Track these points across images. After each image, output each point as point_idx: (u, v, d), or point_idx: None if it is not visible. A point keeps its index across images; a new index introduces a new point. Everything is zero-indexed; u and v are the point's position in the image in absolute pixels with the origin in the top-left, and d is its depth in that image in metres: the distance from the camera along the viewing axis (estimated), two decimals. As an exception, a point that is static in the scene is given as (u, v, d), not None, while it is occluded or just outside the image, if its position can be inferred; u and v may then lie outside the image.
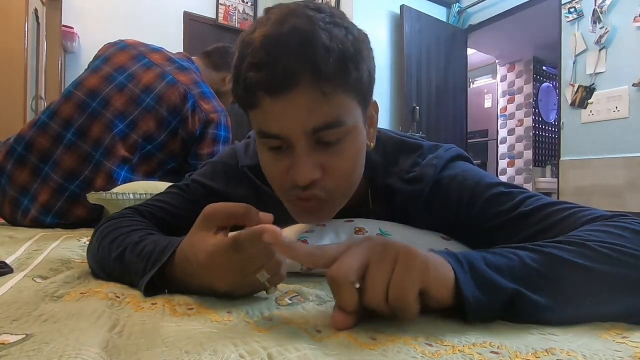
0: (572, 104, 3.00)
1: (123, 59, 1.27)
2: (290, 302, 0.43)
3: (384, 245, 0.34)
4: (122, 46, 1.32)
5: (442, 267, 0.35)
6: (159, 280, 0.43)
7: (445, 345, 0.31)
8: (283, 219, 0.65)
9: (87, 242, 0.63)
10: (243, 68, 0.44)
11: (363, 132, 0.51)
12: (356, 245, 0.35)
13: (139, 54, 1.29)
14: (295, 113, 0.43)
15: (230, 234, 0.39)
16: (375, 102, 0.55)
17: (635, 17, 2.67)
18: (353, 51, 0.44)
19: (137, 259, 0.46)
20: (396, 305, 0.33)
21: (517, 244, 0.39)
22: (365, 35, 0.49)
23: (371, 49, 0.49)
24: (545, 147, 5.30)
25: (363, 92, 0.48)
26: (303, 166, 0.45)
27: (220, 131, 1.29)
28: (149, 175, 1.25)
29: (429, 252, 0.36)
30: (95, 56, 1.34)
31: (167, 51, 1.35)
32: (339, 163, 0.48)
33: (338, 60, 0.43)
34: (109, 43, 1.36)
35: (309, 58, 0.42)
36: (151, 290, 0.43)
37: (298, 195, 0.49)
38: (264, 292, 0.42)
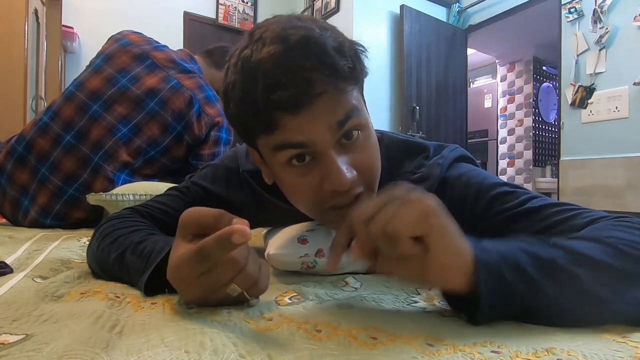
0: (572, 104, 3.00)
1: (126, 59, 1.25)
2: (290, 302, 0.43)
3: (400, 192, 0.35)
4: (124, 43, 1.28)
5: (459, 241, 0.34)
6: (160, 279, 0.43)
7: (446, 345, 0.31)
8: (284, 222, 0.65)
9: (87, 242, 0.63)
10: (258, 93, 0.41)
11: (371, 123, 0.51)
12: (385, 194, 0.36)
13: (142, 53, 1.26)
14: (319, 119, 0.43)
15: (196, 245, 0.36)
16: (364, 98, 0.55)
17: (636, 16, 2.66)
18: (354, 49, 0.45)
19: (137, 259, 0.46)
20: (390, 233, 0.33)
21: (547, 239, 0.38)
22: None
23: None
24: (545, 147, 5.31)
25: (362, 87, 0.50)
26: (339, 171, 0.44)
27: (222, 133, 1.29)
28: (150, 178, 1.25)
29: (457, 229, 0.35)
30: (98, 52, 1.32)
31: (170, 50, 1.33)
32: (364, 157, 0.48)
33: (349, 58, 0.44)
34: (112, 37, 1.33)
35: (326, 63, 0.42)
36: (152, 290, 0.43)
37: (339, 203, 0.47)
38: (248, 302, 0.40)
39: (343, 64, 0.42)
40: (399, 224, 0.32)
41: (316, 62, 0.41)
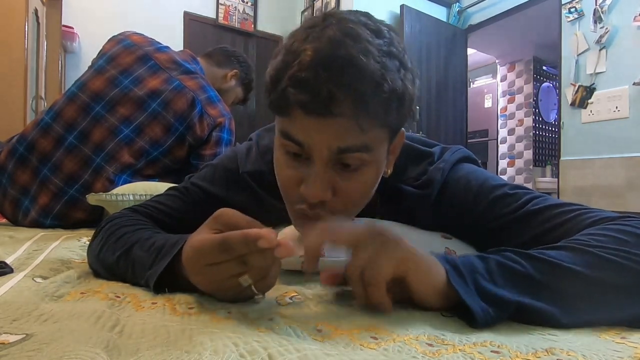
0: (572, 104, 3.00)
1: (128, 61, 1.25)
2: (291, 301, 0.43)
3: (379, 232, 0.39)
4: (127, 44, 1.28)
5: (431, 267, 0.38)
6: (164, 276, 0.44)
7: (446, 345, 0.31)
8: (284, 223, 0.65)
9: (87, 242, 0.63)
10: (285, 78, 0.42)
11: (384, 162, 0.50)
12: (363, 227, 0.40)
13: (144, 54, 1.26)
14: (325, 133, 0.42)
15: (222, 234, 0.37)
16: (403, 131, 0.52)
17: (636, 16, 2.66)
18: (402, 89, 0.43)
19: (145, 254, 0.47)
20: (369, 282, 0.37)
21: (519, 250, 0.39)
22: (414, 67, 0.46)
23: (417, 81, 0.47)
24: (545, 147, 5.31)
25: (398, 127, 0.48)
26: (316, 185, 0.44)
27: (224, 134, 1.30)
28: (151, 178, 1.25)
29: (425, 253, 0.38)
30: (99, 52, 1.31)
31: (172, 51, 1.33)
32: (352, 188, 0.46)
33: (384, 99, 0.41)
34: (114, 38, 1.33)
35: (356, 90, 0.40)
36: (157, 285, 0.43)
37: (302, 210, 0.47)
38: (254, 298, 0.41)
39: (373, 101, 0.41)
40: (379, 275, 0.37)
41: (346, 83, 0.40)
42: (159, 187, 1.01)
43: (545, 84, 5.34)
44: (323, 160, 0.44)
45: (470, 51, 4.32)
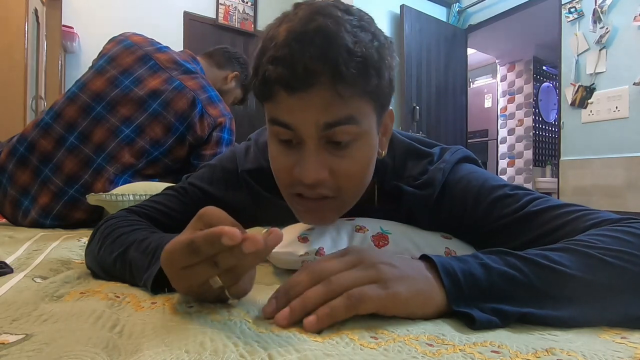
0: (572, 104, 3.00)
1: (129, 61, 1.25)
2: (291, 302, 0.43)
3: (363, 256, 0.37)
4: (127, 45, 1.29)
5: (425, 300, 0.36)
6: (163, 277, 0.43)
7: (446, 345, 0.31)
8: (283, 223, 0.65)
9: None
10: (264, 61, 0.44)
11: (375, 139, 0.50)
12: (348, 254, 0.38)
13: (145, 54, 1.27)
14: (309, 109, 0.43)
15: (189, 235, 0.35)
16: (391, 110, 0.54)
17: (636, 16, 2.67)
18: (377, 57, 0.44)
19: (141, 255, 0.46)
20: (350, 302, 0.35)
21: (519, 253, 0.38)
22: (391, 43, 0.48)
23: (395, 57, 0.49)
24: (545, 147, 5.31)
25: (381, 99, 0.48)
26: (310, 164, 0.45)
27: (224, 134, 1.30)
28: (151, 177, 1.25)
29: (417, 275, 0.36)
30: (100, 53, 1.32)
31: (172, 51, 1.33)
32: (347, 166, 0.47)
33: (359, 64, 0.42)
34: (114, 39, 1.33)
35: (330, 59, 0.41)
36: (155, 286, 0.43)
37: (304, 193, 0.48)
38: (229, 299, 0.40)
39: (348, 67, 0.41)
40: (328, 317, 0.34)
41: (320, 54, 0.41)
42: (159, 187, 1.00)
43: (545, 84, 5.35)
44: (312, 139, 0.45)
45: (470, 51, 4.32)
